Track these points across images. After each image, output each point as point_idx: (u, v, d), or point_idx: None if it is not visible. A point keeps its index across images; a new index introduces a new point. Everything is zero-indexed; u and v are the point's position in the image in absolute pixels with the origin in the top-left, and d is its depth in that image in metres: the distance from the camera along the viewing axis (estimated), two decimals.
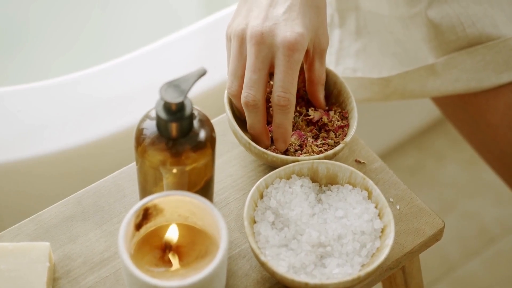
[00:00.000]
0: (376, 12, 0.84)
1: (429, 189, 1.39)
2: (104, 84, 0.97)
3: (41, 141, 0.91)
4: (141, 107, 0.78)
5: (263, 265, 0.61)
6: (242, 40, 0.66)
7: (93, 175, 0.79)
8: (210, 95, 0.94)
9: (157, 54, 0.98)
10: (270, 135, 0.69)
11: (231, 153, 0.72)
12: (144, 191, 0.63)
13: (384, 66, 0.84)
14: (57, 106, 0.94)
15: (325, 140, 0.69)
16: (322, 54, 0.69)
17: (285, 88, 0.65)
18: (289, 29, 0.65)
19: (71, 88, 0.96)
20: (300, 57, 0.65)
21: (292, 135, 0.69)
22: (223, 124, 0.73)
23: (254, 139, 0.68)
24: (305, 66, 0.71)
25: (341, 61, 0.87)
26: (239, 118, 0.70)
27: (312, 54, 0.69)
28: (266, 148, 0.69)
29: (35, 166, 0.93)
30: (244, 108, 0.67)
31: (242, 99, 0.66)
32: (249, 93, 0.65)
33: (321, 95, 0.71)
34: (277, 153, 0.68)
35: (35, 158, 0.92)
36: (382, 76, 0.84)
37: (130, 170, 0.70)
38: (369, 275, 0.60)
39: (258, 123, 0.67)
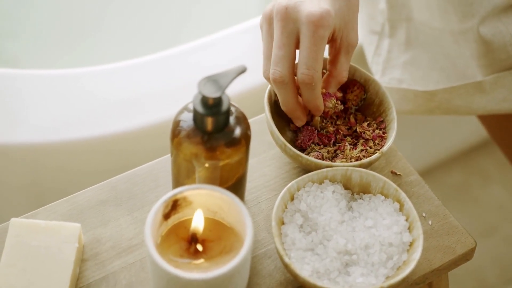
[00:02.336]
0: (427, 24, 0.83)
1: (472, 209, 1.37)
2: (158, 75, 0.98)
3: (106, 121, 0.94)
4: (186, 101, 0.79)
5: (286, 266, 0.61)
6: (270, 21, 0.65)
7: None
8: (253, 94, 0.94)
9: (205, 49, 0.99)
10: (306, 112, 0.68)
11: (267, 154, 0.72)
12: (177, 183, 0.64)
13: (430, 79, 0.83)
14: (116, 90, 0.97)
15: (364, 146, 0.69)
16: (348, 49, 0.67)
17: (308, 65, 0.64)
18: (315, 4, 0.63)
19: (124, 76, 0.98)
20: (325, 33, 0.63)
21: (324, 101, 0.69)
22: (262, 123, 0.73)
23: (290, 116, 0.68)
24: (329, 58, 0.69)
25: (388, 71, 0.86)
26: (279, 118, 0.70)
27: (339, 46, 0.67)
28: (303, 124, 0.68)
29: (82, 148, 0.95)
30: (273, 85, 0.65)
31: (270, 76, 0.65)
32: (276, 70, 0.64)
33: (330, 90, 0.69)
34: (320, 159, 0.67)
35: (86, 140, 0.94)
36: (428, 89, 0.83)
37: (166, 161, 0.71)
38: (392, 287, 0.60)
39: (289, 99, 0.66)
